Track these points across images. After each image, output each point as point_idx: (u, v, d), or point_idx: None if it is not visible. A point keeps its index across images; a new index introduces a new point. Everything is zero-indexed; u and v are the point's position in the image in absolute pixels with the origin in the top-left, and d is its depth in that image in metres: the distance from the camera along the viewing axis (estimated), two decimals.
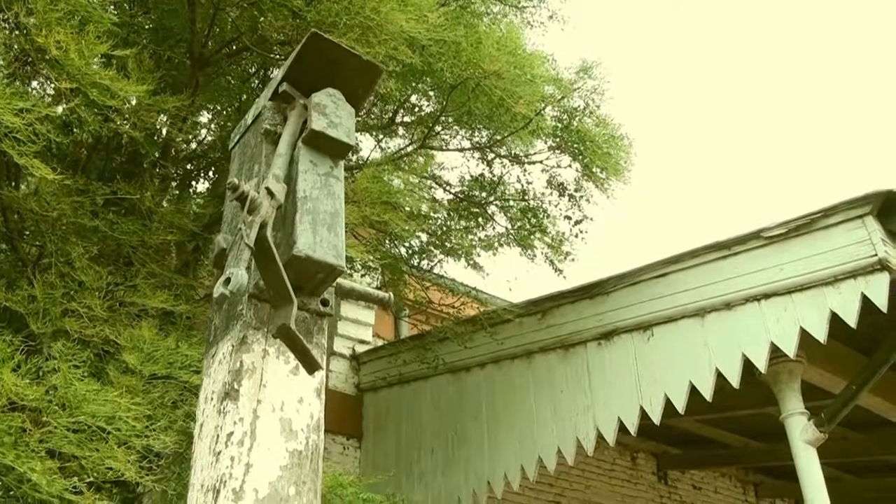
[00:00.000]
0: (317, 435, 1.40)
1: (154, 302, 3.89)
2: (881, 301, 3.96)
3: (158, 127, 4.66)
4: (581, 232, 5.43)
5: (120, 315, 3.82)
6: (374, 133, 5.51)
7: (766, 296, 4.39)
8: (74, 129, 4.14)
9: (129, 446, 3.16)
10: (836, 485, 8.58)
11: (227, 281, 1.28)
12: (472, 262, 5.64)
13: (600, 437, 4.81)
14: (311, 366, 1.37)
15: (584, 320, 5.17)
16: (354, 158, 5.52)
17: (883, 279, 4.00)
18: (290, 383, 1.40)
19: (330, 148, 1.63)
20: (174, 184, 5.15)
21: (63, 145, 3.92)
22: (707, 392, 4.39)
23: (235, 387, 1.35)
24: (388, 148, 5.56)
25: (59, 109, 3.80)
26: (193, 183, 5.35)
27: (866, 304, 4.00)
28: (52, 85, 3.81)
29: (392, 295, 1.60)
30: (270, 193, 1.44)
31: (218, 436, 1.33)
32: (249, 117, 1.78)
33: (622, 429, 4.74)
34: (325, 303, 1.55)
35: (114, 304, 3.84)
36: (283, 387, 1.39)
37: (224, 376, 1.39)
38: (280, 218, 1.51)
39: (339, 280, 1.58)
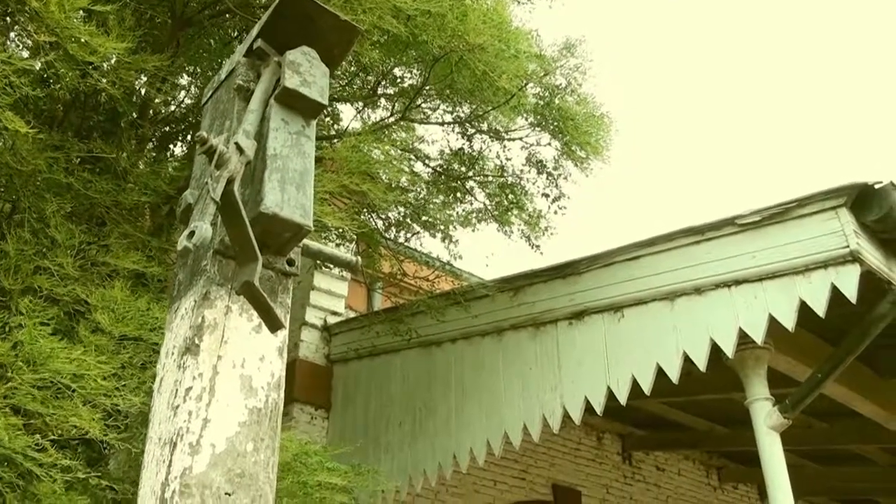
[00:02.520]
0: (277, 393, 1.39)
1: (126, 263, 3.86)
2: (851, 292, 4.00)
3: (137, 87, 4.61)
4: (559, 209, 5.45)
5: (92, 275, 3.80)
6: (355, 103, 5.48)
7: (737, 282, 4.42)
8: (52, 84, 4.09)
9: (94, 405, 3.14)
10: (798, 472, 8.71)
11: (192, 234, 1.27)
12: (448, 236, 5.64)
13: (566, 416, 4.84)
14: (273, 324, 1.37)
15: (556, 299, 5.19)
16: (335, 128, 5.50)
17: (854, 271, 4.04)
18: (253, 341, 1.40)
19: (302, 106, 1.62)
20: (151, 145, 5.11)
21: (40, 100, 3.87)
22: (674, 374, 4.43)
23: (196, 342, 1.35)
24: (369, 118, 5.54)
25: (38, 65, 3.74)
26: (170, 146, 5.31)
27: (836, 295, 4.04)
28: (31, 38, 3.75)
29: (360, 259, 1.59)
30: (239, 149, 1.43)
31: (177, 390, 1.33)
32: (223, 73, 1.77)
33: (589, 409, 4.78)
34: (291, 263, 1.54)
35: (85, 264, 3.81)
36: (245, 344, 1.39)
37: (185, 331, 1.38)
38: (249, 175, 1.50)
39: (307, 241, 1.57)
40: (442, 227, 5.61)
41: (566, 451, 7.76)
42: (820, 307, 4.08)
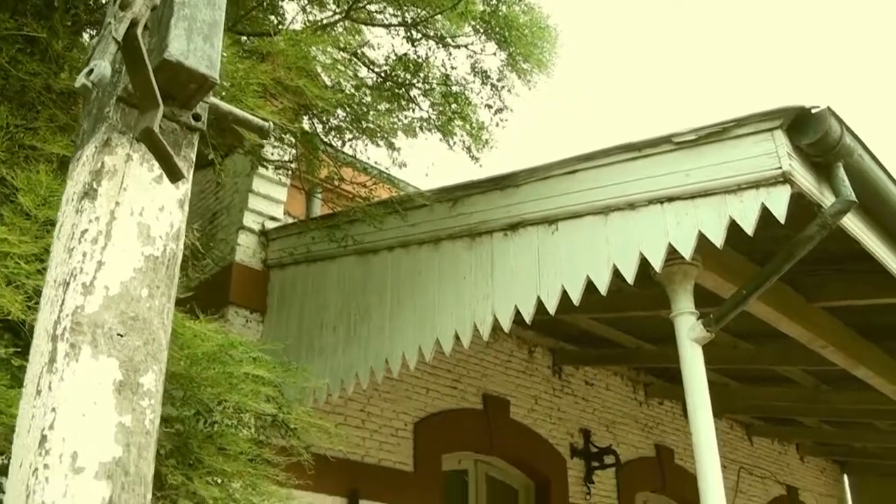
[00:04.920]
0: (175, 244, 1.39)
1: (54, 147, 3.77)
2: (780, 213, 4.08)
3: None
4: (501, 122, 5.45)
5: (18, 157, 3.70)
6: (299, 1, 5.35)
7: (670, 199, 4.48)
8: None
9: (17, 286, 3.10)
10: (722, 390, 9.09)
11: (90, 72, 1.24)
12: (391, 144, 5.61)
13: (498, 326, 4.92)
14: (173, 173, 1.35)
15: (493, 210, 5.22)
16: (278, 26, 5.36)
17: (784, 192, 4.11)
18: (153, 191, 1.38)
19: None
20: (87, 35, 4.94)
21: None
22: (603, 287, 4.51)
23: (94, 186, 1.33)
24: (314, 17, 5.41)
25: None
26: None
27: (767, 216, 4.11)
28: None
29: (272, 124, 1.56)
30: None
31: (73, 233, 1.31)
32: None
33: (520, 321, 4.86)
34: (196, 117, 1.51)
35: (13, 146, 3.71)
36: (145, 193, 1.37)
37: (85, 177, 1.36)
38: (156, 22, 1.46)
39: (218, 102, 1.55)
40: (384, 135, 5.57)
41: (498, 363, 7.92)
42: (749, 226, 4.17)
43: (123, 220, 1.33)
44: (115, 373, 1.22)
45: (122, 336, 1.24)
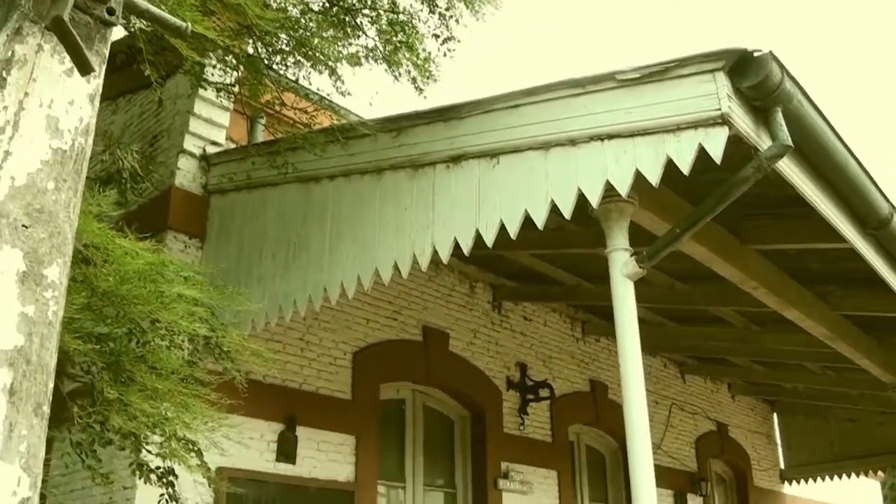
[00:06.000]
0: (84, 139, 1.37)
1: None
2: (716, 153, 4.13)
3: None
4: (448, 52, 5.40)
5: None
6: None
7: (610, 136, 4.51)
8: None
9: None
10: (658, 329, 9.33)
11: None
12: (333, 72, 5.52)
13: (438, 259, 4.95)
14: (83, 66, 1.33)
15: (436, 142, 5.21)
16: None
17: (722, 133, 4.16)
18: (63, 83, 1.36)
19: None
20: None
21: None
22: (540, 221, 4.56)
23: (4, 75, 1.30)
24: None
25: None
26: None
27: (706, 158, 4.17)
28: None
29: (189, 25, 1.51)
30: None
31: None
32: None
33: (465, 259, 4.89)
34: (111, 11, 1.48)
35: None
36: (55, 85, 1.35)
37: None
38: None
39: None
40: (328, 62, 5.48)
41: (439, 297, 7.99)
42: (685, 165, 4.22)
43: (32, 111, 1.31)
44: (19, 263, 1.21)
45: (26, 227, 1.22)
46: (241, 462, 5.92)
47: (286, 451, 6.36)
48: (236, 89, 5.68)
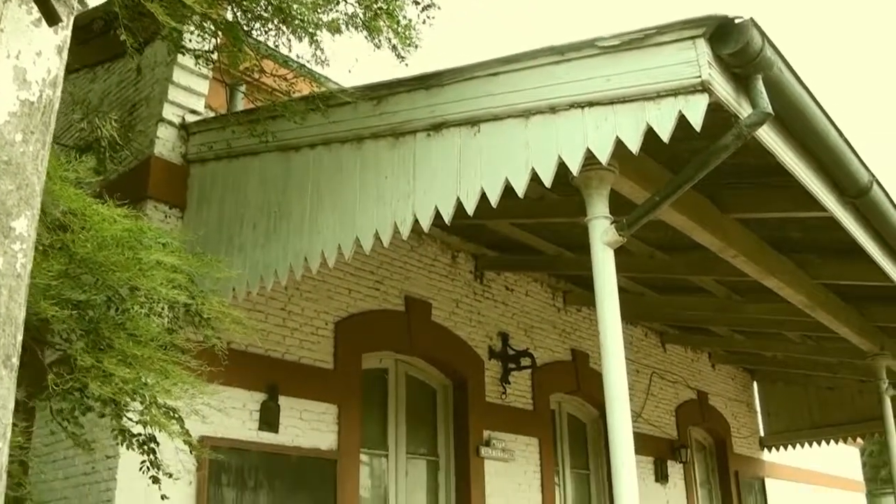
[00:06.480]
0: (52, 91, 1.35)
1: None
2: (696, 121, 4.13)
3: None
4: (429, 18, 5.36)
5: None
6: None
7: (591, 104, 4.50)
8: None
9: None
10: (638, 299, 9.39)
11: None
12: (313, 39, 5.47)
13: (417, 226, 4.94)
14: (51, 16, 1.31)
15: (417, 110, 5.18)
16: None
17: (702, 100, 4.16)
18: (31, 34, 1.34)
19: None
20: None
21: None
22: (520, 190, 4.55)
23: None
24: None
25: None
26: None
27: (685, 126, 4.17)
28: None
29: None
30: None
31: None
32: None
33: (446, 229, 4.89)
34: None
35: None
36: (23, 36, 1.33)
37: None
38: None
39: None
40: (309, 30, 5.43)
41: (421, 267, 8.01)
42: (665, 133, 4.22)
43: None
44: None
45: None
46: (224, 431, 5.95)
47: (269, 419, 6.38)
48: (215, 56, 5.62)
